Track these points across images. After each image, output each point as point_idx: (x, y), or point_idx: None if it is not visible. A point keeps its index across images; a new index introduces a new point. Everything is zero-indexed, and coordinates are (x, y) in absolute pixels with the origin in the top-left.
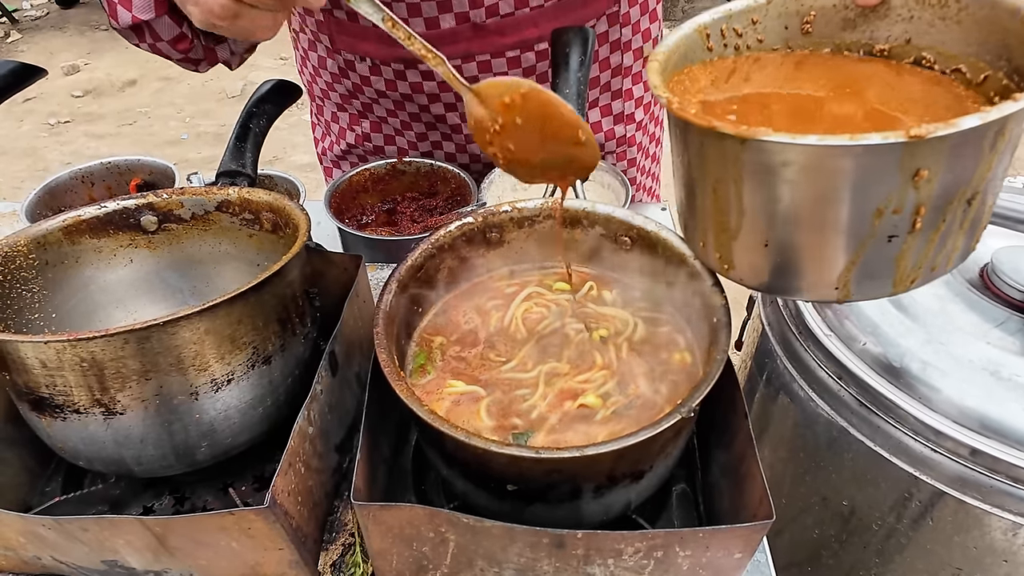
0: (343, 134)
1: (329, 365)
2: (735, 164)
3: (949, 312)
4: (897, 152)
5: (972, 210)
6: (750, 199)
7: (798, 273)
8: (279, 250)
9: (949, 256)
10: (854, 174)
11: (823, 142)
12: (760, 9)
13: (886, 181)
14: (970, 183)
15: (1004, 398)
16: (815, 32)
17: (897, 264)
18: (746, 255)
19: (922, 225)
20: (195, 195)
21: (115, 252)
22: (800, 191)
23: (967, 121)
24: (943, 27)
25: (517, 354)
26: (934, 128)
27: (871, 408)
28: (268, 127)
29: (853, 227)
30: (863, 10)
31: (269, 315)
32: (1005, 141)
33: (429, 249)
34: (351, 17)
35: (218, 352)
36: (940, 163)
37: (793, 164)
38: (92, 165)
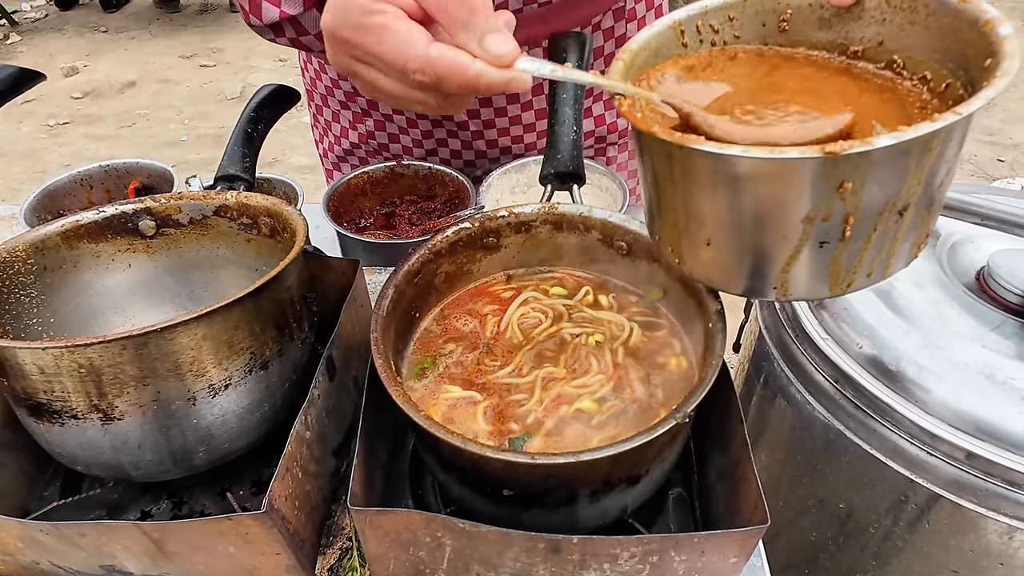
0: (345, 133)
1: (327, 370)
2: (674, 167)
3: (946, 315)
4: (818, 166)
5: (905, 221)
6: (690, 200)
7: (738, 271)
8: (277, 255)
9: (886, 262)
10: (780, 184)
11: (747, 154)
12: (737, 6)
13: (812, 191)
14: (899, 195)
15: (999, 401)
16: (792, 30)
17: (831, 268)
18: (692, 251)
19: (852, 233)
20: (193, 200)
21: (113, 257)
22: (731, 197)
23: (881, 140)
24: (912, 32)
25: (513, 359)
26: (848, 146)
27: (867, 411)
28: (267, 131)
29: (785, 232)
30: (838, 10)
31: (267, 320)
32: (933, 156)
33: (426, 254)
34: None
35: (216, 358)
36: (864, 177)
37: (722, 172)
38: (90, 168)
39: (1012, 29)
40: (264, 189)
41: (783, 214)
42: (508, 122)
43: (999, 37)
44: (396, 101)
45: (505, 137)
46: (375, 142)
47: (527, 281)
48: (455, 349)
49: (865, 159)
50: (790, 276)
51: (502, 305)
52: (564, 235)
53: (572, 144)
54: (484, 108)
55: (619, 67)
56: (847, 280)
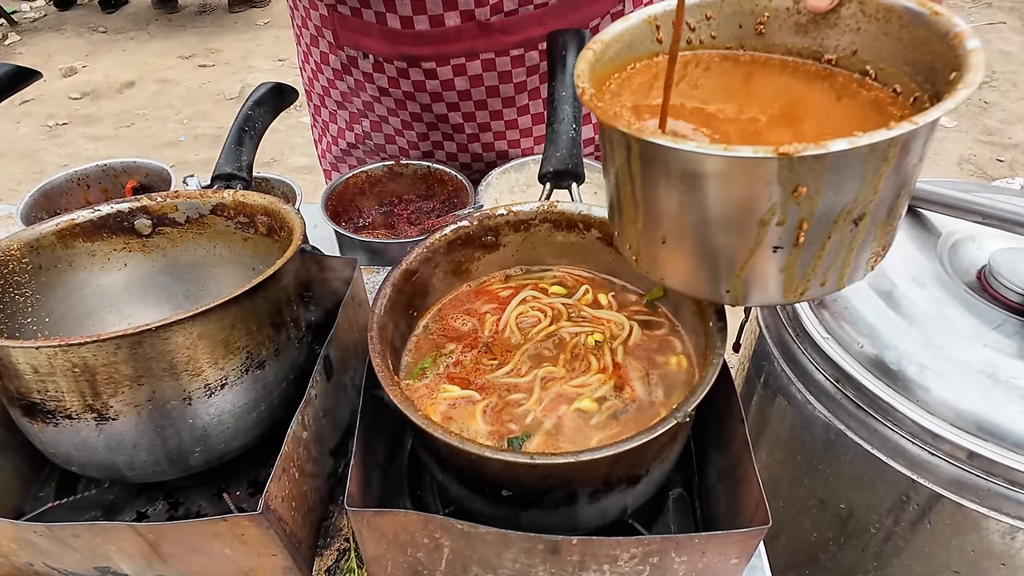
0: (342, 133)
1: (324, 370)
2: (633, 160)
3: (947, 315)
4: (773, 167)
5: (861, 230)
6: (647, 197)
7: (692, 272)
8: (274, 254)
9: (841, 272)
10: (735, 183)
11: (701, 150)
12: (714, 5)
13: (767, 193)
14: (855, 203)
15: (1001, 400)
16: (768, 34)
17: (785, 274)
18: (647, 248)
19: (806, 239)
20: (190, 199)
21: (109, 256)
22: (687, 195)
23: (836, 144)
24: (885, 42)
25: (512, 358)
26: (803, 147)
27: (868, 411)
28: (264, 130)
29: (740, 234)
30: (815, 16)
31: (263, 319)
32: (890, 165)
33: (424, 253)
34: (355, 12)
35: (211, 357)
36: (819, 181)
37: (677, 168)
38: (88, 167)
39: (979, 43)
40: (263, 189)
41: (737, 215)
42: (504, 126)
43: (966, 50)
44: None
45: (501, 141)
46: (372, 142)
47: (526, 280)
48: (455, 348)
49: (820, 163)
50: (744, 280)
51: (501, 304)
52: (563, 234)
53: (571, 142)
54: (480, 112)
55: (588, 56)
56: (801, 288)
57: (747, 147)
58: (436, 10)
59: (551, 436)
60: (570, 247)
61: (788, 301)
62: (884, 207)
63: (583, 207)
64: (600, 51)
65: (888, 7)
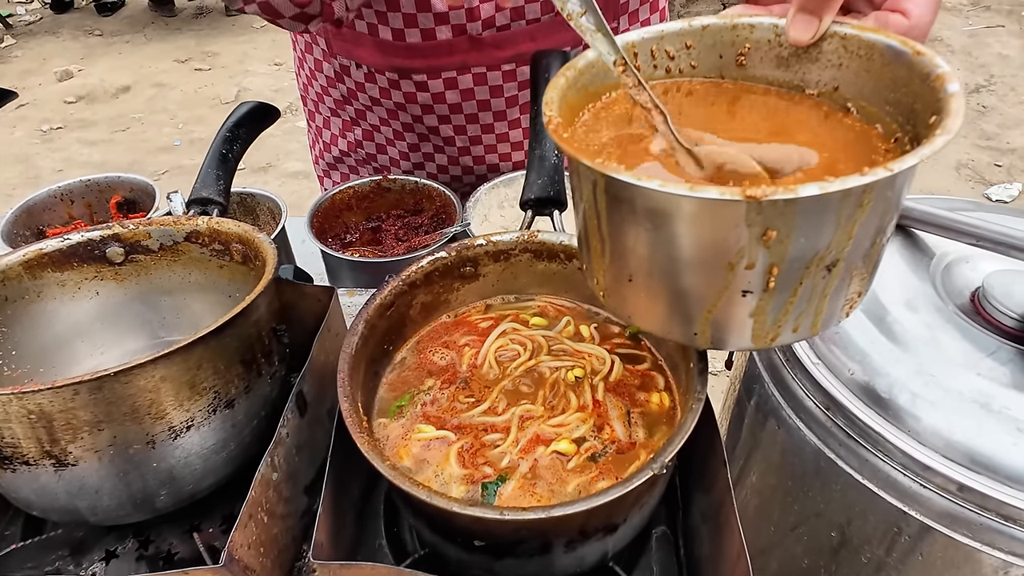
0: (335, 140)
1: (296, 406)
2: (599, 195)
3: (939, 340)
4: (741, 209)
5: (834, 277)
6: (612, 232)
7: (659, 313)
8: (250, 282)
9: (814, 319)
10: (702, 224)
11: (665, 189)
12: (695, 34)
13: (735, 236)
14: (828, 249)
15: (994, 432)
16: (749, 66)
17: (755, 319)
18: (614, 286)
19: (776, 285)
20: (163, 226)
21: (80, 285)
22: (653, 234)
23: (806, 189)
24: (867, 80)
25: (489, 395)
26: (772, 191)
27: (858, 440)
28: (243, 152)
29: (706, 276)
30: (796, 50)
31: (232, 357)
32: (865, 212)
33: (399, 286)
34: (349, 23)
35: (176, 399)
36: (789, 226)
37: (642, 206)
38: (71, 183)
39: (960, 87)
40: (248, 204)
41: (705, 257)
42: (496, 139)
43: (947, 94)
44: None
45: (492, 154)
46: (363, 151)
47: (506, 310)
48: (433, 385)
49: (790, 207)
50: (713, 324)
51: (480, 336)
52: (544, 263)
53: (553, 168)
54: (471, 125)
55: (560, 83)
56: (772, 334)
57: (713, 188)
58: (427, 24)
59: (527, 481)
60: (552, 276)
61: (759, 347)
62: (859, 253)
63: (564, 236)
64: (573, 78)
65: (870, 44)
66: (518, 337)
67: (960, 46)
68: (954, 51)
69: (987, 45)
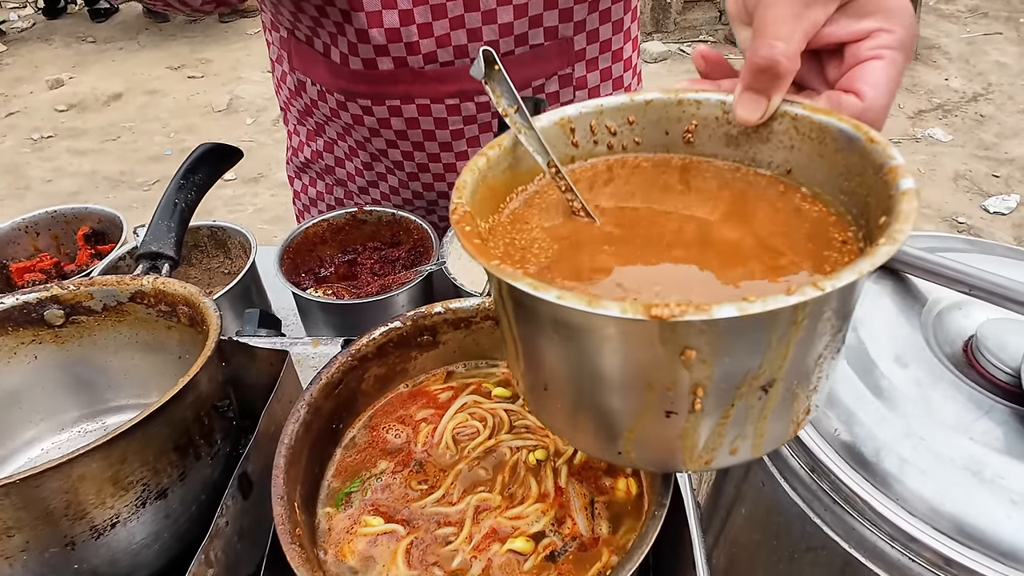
0: (301, 147)
1: (239, 489)
2: (505, 298)
3: (930, 399)
4: (652, 327)
5: (772, 398)
6: (522, 337)
7: (578, 428)
8: (198, 345)
9: (755, 441)
10: (612, 340)
11: (561, 301)
12: (637, 109)
13: (649, 354)
14: (760, 370)
15: (986, 503)
16: (697, 143)
17: (684, 442)
18: (533, 393)
19: (703, 407)
20: (106, 286)
21: (15, 350)
22: (560, 345)
23: (722, 311)
24: (820, 165)
25: (444, 481)
26: (680, 312)
27: (844, 507)
28: (198, 200)
29: (623, 395)
30: (746, 129)
31: (164, 446)
32: (800, 330)
33: (349, 362)
34: (307, 40)
35: (98, 497)
36: (711, 346)
37: (547, 316)
38: (36, 214)
39: (914, 184)
40: (219, 238)
41: (619, 375)
42: (443, 168)
43: (898, 191)
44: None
45: (441, 183)
46: (323, 162)
47: (469, 379)
48: (386, 468)
49: (709, 327)
50: (637, 444)
51: (438, 409)
52: None
53: None
54: (417, 152)
55: (479, 164)
56: (705, 457)
57: (614, 304)
58: (369, 54)
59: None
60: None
61: (692, 470)
62: (801, 372)
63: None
64: (497, 157)
65: (822, 127)
66: (479, 412)
67: (958, 53)
68: (951, 59)
69: (985, 53)
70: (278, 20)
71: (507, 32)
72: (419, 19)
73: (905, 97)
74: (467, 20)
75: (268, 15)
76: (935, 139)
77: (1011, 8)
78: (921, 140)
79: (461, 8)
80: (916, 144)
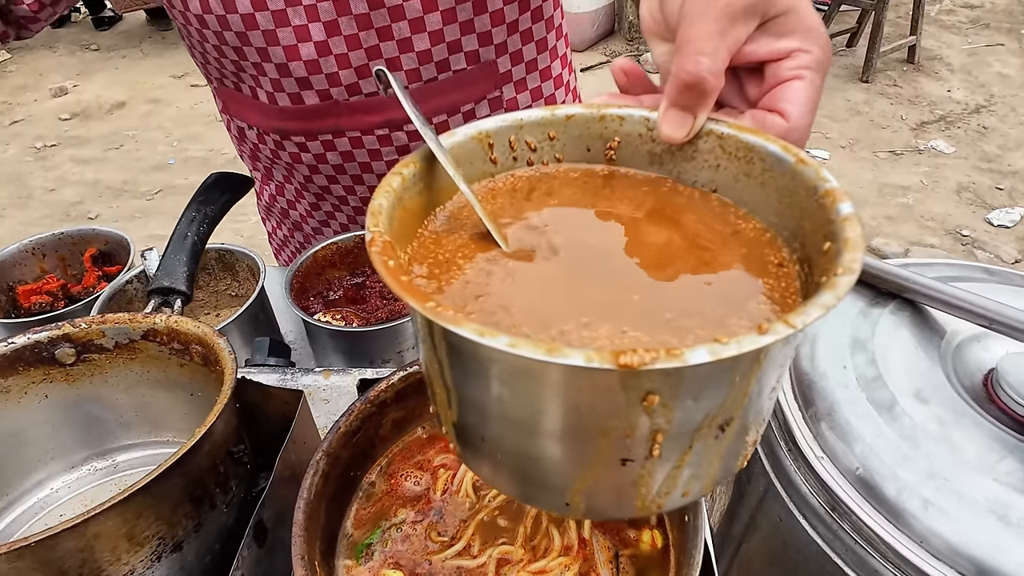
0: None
1: (255, 538)
2: (438, 340)
3: (952, 439)
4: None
5: (728, 436)
6: (458, 382)
7: (521, 481)
8: (212, 383)
9: (706, 481)
10: (568, 388)
11: (514, 351)
12: (558, 124)
13: (608, 402)
14: (721, 410)
15: (1012, 547)
16: (620, 160)
17: (638, 490)
18: (467, 442)
19: (661, 452)
20: (118, 323)
21: (26, 390)
22: (508, 392)
23: (695, 355)
24: (748, 185)
25: (464, 533)
26: (650, 359)
27: (866, 548)
28: (209, 232)
29: (576, 445)
30: (670, 147)
31: (179, 498)
32: (762, 367)
33: (367, 408)
34: (235, 86)
35: (113, 554)
36: (676, 389)
37: (486, 362)
38: (43, 236)
39: (853, 209)
40: (227, 261)
41: (573, 424)
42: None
43: (840, 217)
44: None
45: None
46: (279, 206)
47: None
48: (406, 517)
49: (678, 371)
50: (586, 494)
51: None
52: None
53: None
54: (358, 186)
55: (393, 184)
56: (658, 502)
57: (579, 354)
58: (293, 88)
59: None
60: None
61: (643, 515)
62: (756, 408)
63: None
64: (413, 175)
65: (749, 146)
66: None
67: (959, 64)
68: (953, 70)
69: (987, 64)
70: (207, 72)
71: (426, 59)
72: (335, 50)
73: (908, 108)
74: (383, 49)
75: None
76: (938, 151)
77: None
78: (924, 152)
79: (375, 38)
80: (919, 156)
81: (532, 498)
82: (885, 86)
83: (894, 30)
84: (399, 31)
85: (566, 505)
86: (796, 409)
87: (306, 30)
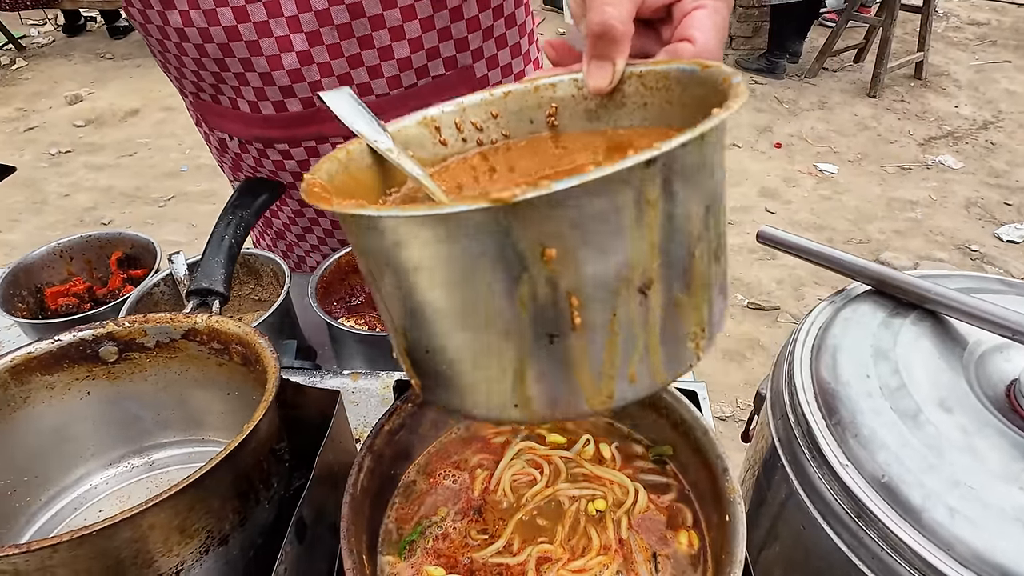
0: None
1: (296, 535)
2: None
3: (976, 448)
4: (501, 223)
5: (654, 304)
6: (387, 293)
7: (469, 387)
8: (250, 383)
9: (652, 363)
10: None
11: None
12: (498, 102)
13: (507, 259)
14: (630, 267)
15: None
16: (561, 125)
17: (577, 373)
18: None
19: (584, 320)
20: (160, 323)
21: (69, 386)
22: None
23: (561, 183)
24: (672, 111)
25: (504, 530)
26: (521, 191)
27: (892, 556)
28: (245, 235)
29: (498, 321)
30: (601, 100)
31: (227, 493)
32: (657, 212)
33: (411, 408)
34: (213, 99)
35: (165, 546)
36: (566, 236)
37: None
38: (71, 239)
39: (741, 78)
40: (252, 265)
41: (483, 295)
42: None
43: (731, 85)
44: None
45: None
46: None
47: None
48: (446, 514)
49: (555, 209)
50: (530, 387)
51: (492, 455)
52: None
53: None
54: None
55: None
56: (606, 390)
57: (455, 201)
58: (276, 96)
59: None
60: None
61: (598, 408)
62: (677, 271)
63: None
64: (359, 151)
65: (664, 74)
66: (533, 458)
67: (967, 81)
68: (961, 86)
69: (994, 81)
70: (182, 87)
71: (406, 66)
72: (318, 59)
73: (915, 124)
74: (364, 58)
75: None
76: (946, 166)
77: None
78: (932, 167)
79: (357, 47)
80: (927, 171)
81: (485, 406)
82: (893, 101)
83: (901, 46)
84: (380, 39)
85: (515, 407)
86: (819, 417)
87: (288, 40)
